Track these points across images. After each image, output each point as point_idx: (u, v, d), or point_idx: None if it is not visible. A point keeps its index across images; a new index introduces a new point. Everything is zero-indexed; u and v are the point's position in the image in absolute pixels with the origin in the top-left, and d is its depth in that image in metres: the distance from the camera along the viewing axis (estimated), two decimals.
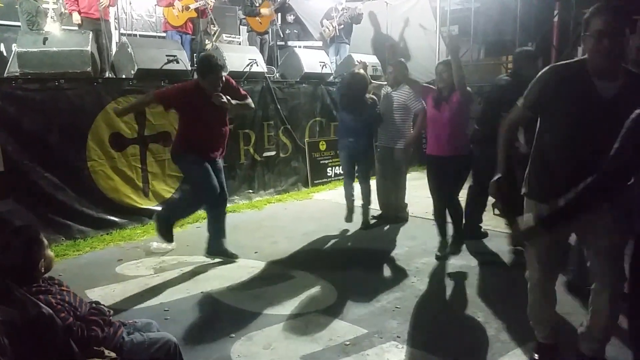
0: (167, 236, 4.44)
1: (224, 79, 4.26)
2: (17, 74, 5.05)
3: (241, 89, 4.55)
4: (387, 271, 4.29)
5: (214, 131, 4.35)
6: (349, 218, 5.52)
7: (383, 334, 3.19)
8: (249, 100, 4.56)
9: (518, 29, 8.97)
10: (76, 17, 6.89)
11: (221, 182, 4.44)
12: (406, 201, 5.90)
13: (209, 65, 4.16)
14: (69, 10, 6.94)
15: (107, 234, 5.19)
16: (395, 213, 5.80)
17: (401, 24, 10.39)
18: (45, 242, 2.21)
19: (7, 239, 2.08)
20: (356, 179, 5.62)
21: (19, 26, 7.02)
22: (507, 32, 9.70)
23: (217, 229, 4.57)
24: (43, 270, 2.13)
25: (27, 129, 4.78)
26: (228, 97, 4.23)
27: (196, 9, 7.93)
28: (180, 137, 4.43)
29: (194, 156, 4.29)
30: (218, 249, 4.56)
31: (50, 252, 2.23)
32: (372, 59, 8.46)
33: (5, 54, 7.16)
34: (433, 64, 9.99)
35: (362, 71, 5.38)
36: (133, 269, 4.35)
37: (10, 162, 4.61)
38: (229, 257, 4.52)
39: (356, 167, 5.53)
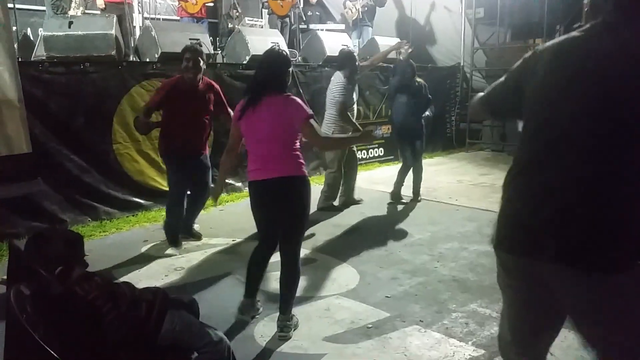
0: (174, 243, 4.44)
1: (199, 64, 4.11)
2: (44, 57, 5.12)
3: (225, 103, 4.41)
4: (409, 256, 4.26)
5: (192, 126, 4.24)
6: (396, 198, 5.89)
7: (405, 318, 3.18)
8: (229, 118, 4.05)
9: (546, 11, 8.73)
10: (100, 1, 6.91)
11: (204, 180, 4.43)
12: (429, 185, 5.93)
13: (183, 48, 4.22)
14: None
15: (133, 215, 5.27)
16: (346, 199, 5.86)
17: (426, 7, 10.22)
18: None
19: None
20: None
21: (45, 11, 7.09)
22: (534, 15, 9.45)
23: (190, 213, 4.57)
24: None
25: (54, 112, 4.85)
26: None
27: None
28: (162, 133, 4.39)
29: (173, 158, 4.31)
30: (185, 229, 4.60)
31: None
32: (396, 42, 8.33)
33: (32, 38, 7.25)
34: (458, 47, 9.91)
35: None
36: (158, 250, 4.41)
37: (38, 144, 4.68)
38: (193, 237, 4.62)
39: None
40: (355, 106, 5.55)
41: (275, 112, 2.87)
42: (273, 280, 3.74)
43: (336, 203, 5.71)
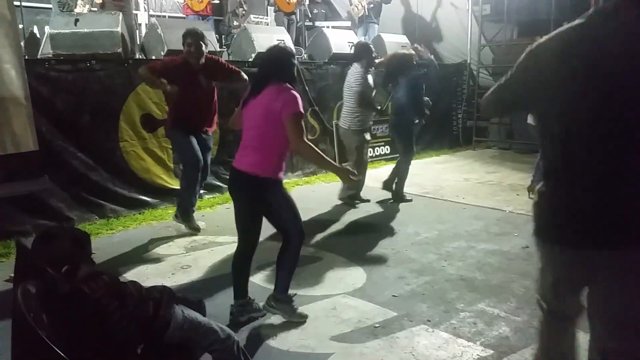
0: (190, 223, 4.67)
1: (201, 48, 4.35)
2: (50, 55, 5.13)
3: (230, 66, 4.71)
4: (416, 254, 4.24)
5: (199, 105, 4.51)
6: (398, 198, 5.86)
7: (413, 317, 3.16)
8: (243, 76, 4.63)
9: (553, 8, 8.65)
10: None
11: (206, 160, 4.65)
12: (436, 184, 5.88)
13: (184, 32, 4.46)
14: None
15: (140, 213, 5.28)
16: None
17: (432, 3, 10.17)
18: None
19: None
20: None
21: (51, 8, 7.10)
22: (541, 12, 9.38)
23: (191, 202, 4.72)
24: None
25: (60, 109, 4.86)
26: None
27: None
28: (169, 113, 4.68)
29: (181, 130, 4.52)
30: (186, 220, 4.72)
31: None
32: (402, 39, 8.32)
33: (38, 35, 7.26)
34: (465, 44, 9.85)
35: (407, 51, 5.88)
36: (165, 248, 4.41)
37: (44, 141, 4.67)
38: (193, 229, 4.71)
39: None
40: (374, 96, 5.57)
41: (268, 100, 2.87)
42: None
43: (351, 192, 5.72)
